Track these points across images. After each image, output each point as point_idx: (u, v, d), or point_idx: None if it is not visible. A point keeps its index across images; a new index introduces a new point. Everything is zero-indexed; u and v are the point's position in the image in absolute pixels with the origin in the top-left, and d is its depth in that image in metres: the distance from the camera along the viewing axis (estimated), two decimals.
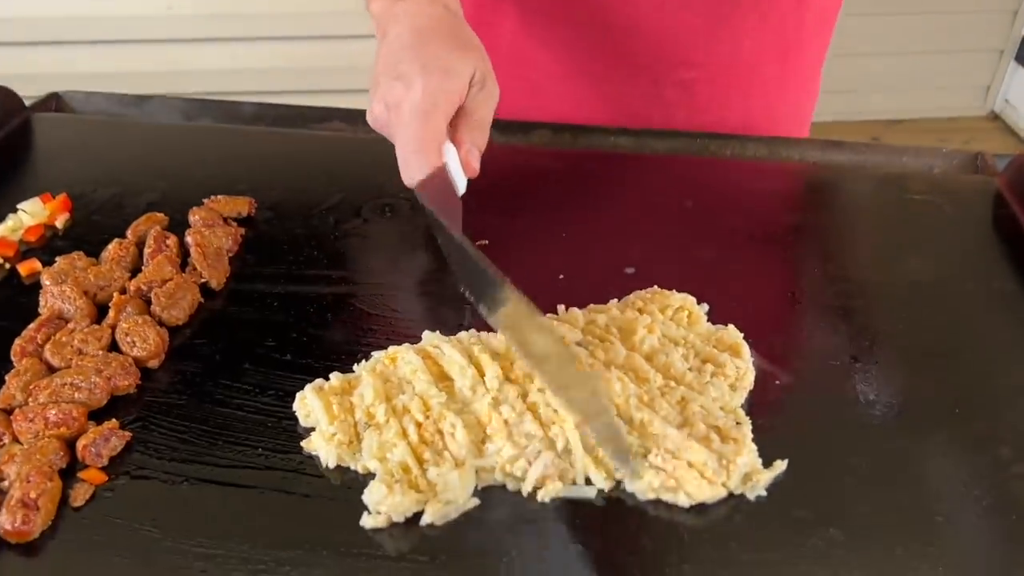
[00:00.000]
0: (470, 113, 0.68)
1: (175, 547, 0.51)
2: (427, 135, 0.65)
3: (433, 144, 0.65)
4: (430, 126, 0.65)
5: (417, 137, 0.65)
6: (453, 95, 0.66)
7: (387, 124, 0.69)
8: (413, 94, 0.65)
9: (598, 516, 0.53)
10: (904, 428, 0.59)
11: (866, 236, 0.80)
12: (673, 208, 0.81)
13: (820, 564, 0.50)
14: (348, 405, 0.59)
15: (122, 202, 0.80)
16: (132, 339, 0.63)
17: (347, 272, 0.73)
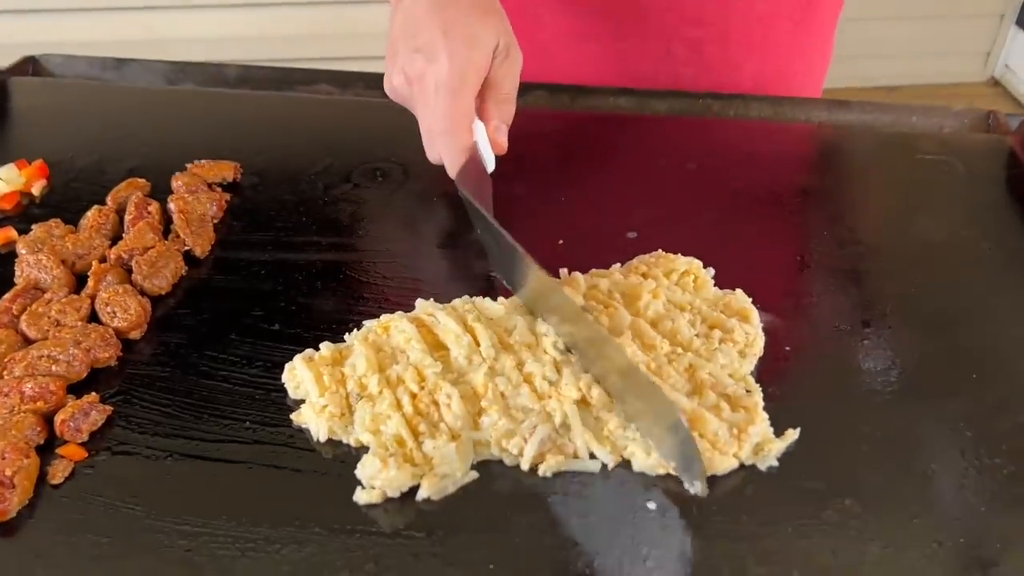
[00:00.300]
0: (496, 86, 0.66)
1: (159, 525, 0.49)
2: (457, 114, 0.63)
3: (464, 123, 0.63)
4: (459, 104, 0.62)
5: (446, 116, 0.62)
6: (480, 68, 0.63)
7: (408, 98, 0.66)
8: (438, 68, 0.62)
9: (603, 490, 0.51)
10: (918, 394, 0.57)
11: (876, 197, 0.77)
12: (676, 171, 0.78)
13: (835, 536, 0.48)
14: (339, 376, 0.56)
15: (102, 168, 0.77)
16: (112, 309, 0.61)
17: (337, 239, 0.70)
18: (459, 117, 0.62)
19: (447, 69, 0.61)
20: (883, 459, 0.53)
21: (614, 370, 0.53)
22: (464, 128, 0.63)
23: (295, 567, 0.47)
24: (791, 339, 0.60)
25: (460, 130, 0.63)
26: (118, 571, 0.47)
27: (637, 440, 0.52)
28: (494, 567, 0.47)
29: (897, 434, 0.54)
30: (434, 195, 0.75)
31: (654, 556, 0.47)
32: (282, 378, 0.57)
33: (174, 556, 0.47)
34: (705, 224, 0.72)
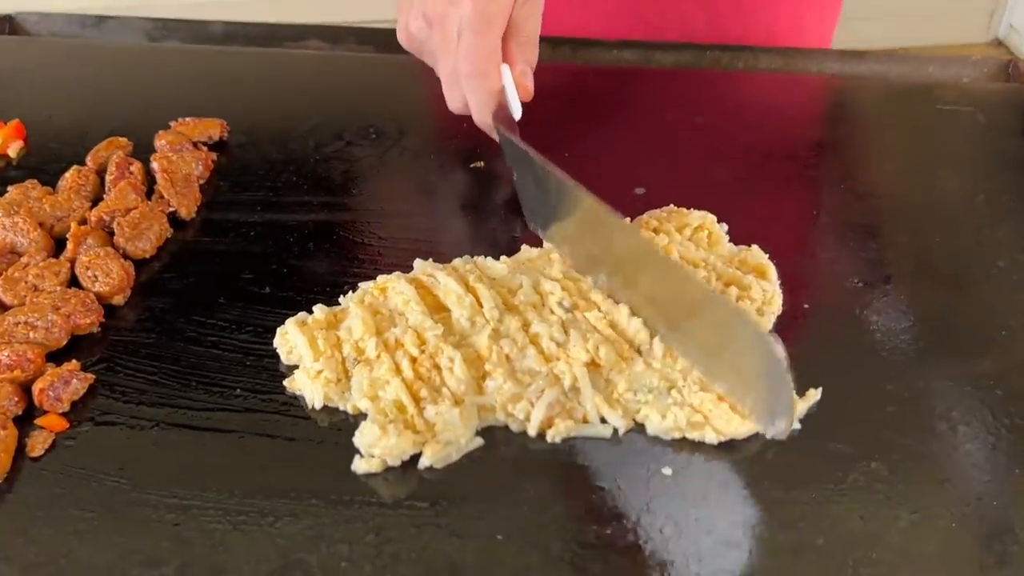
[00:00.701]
0: (519, 28, 0.62)
1: (145, 499, 0.46)
2: (485, 54, 0.59)
3: (492, 64, 0.60)
4: (487, 44, 0.59)
5: (474, 58, 0.59)
6: (505, 8, 0.60)
7: (427, 42, 0.63)
8: (462, 8, 0.59)
9: (615, 456, 0.48)
10: (944, 352, 0.54)
11: (892, 150, 0.73)
12: (684, 125, 0.74)
13: (862, 501, 0.46)
14: (334, 340, 0.53)
15: (81, 128, 0.73)
16: (93, 273, 0.57)
17: (329, 198, 0.67)
18: (487, 58, 0.59)
19: (471, 8, 0.58)
20: (910, 420, 0.50)
21: (675, 302, 0.49)
22: (493, 69, 0.60)
23: (291, 540, 0.44)
24: (809, 296, 0.57)
25: (489, 71, 0.60)
26: (103, 547, 0.44)
27: (651, 402, 0.49)
28: (502, 538, 0.44)
29: (923, 394, 0.51)
30: (430, 152, 0.72)
31: (671, 524, 0.45)
32: (274, 343, 0.54)
33: (162, 530, 0.45)
34: (716, 179, 0.68)
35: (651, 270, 0.52)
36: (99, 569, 0.43)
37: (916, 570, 0.43)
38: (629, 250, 0.53)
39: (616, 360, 0.50)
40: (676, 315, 0.50)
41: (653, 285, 0.52)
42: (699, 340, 0.49)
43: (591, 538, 0.44)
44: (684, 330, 0.50)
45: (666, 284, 0.51)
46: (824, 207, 0.66)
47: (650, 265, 0.52)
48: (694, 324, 0.50)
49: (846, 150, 0.73)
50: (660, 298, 0.51)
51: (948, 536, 0.44)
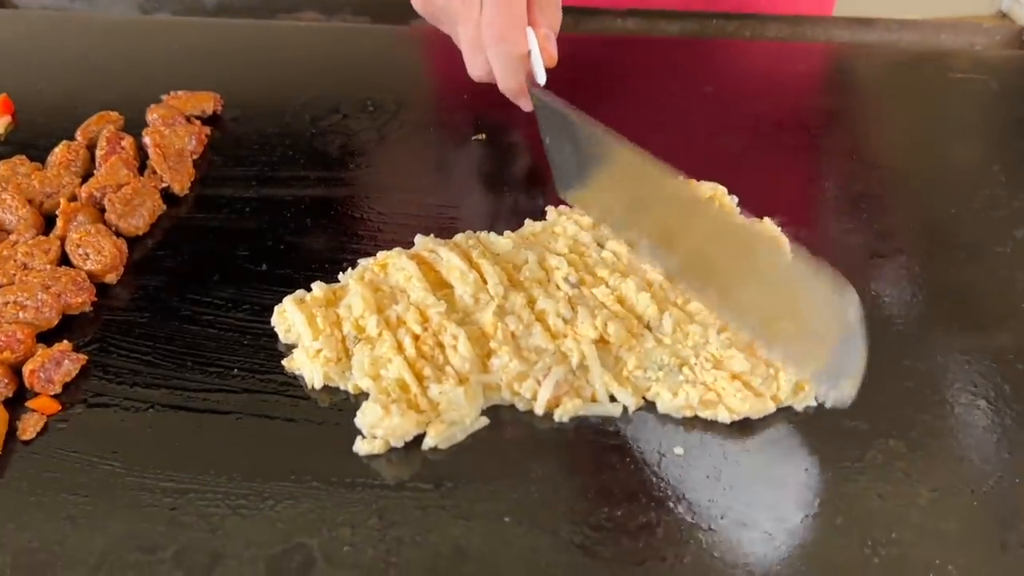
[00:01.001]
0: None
1: (141, 483, 0.45)
2: (512, 18, 0.57)
3: (519, 27, 0.57)
4: (512, 8, 0.57)
5: (500, 22, 0.57)
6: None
7: (445, 8, 0.60)
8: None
9: (625, 435, 0.47)
10: (964, 326, 0.52)
11: (904, 120, 0.72)
12: (691, 95, 0.72)
13: (880, 479, 0.44)
14: (334, 318, 0.51)
15: (71, 102, 0.71)
16: (85, 251, 0.56)
17: (326, 173, 0.65)
18: (513, 22, 0.57)
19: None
20: (927, 396, 0.48)
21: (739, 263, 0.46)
22: (520, 33, 0.58)
23: (291, 524, 0.43)
24: None
25: (517, 36, 0.57)
26: (97, 532, 0.43)
27: (661, 380, 0.47)
28: (509, 520, 0.43)
29: (941, 369, 0.50)
30: (430, 125, 0.70)
31: (684, 505, 0.43)
32: (271, 321, 0.52)
33: (158, 515, 0.43)
34: (725, 151, 0.66)
35: (701, 224, 0.48)
36: (94, 555, 0.42)
37: (936, 549, 0.41)
38: (678, 204, 0.50)
39: (625, 337, 0.49)
40: (730, 275, 0.47)
41: (704, 242, 0.48)
42: (757, 302, 0.46)
43: (601, 520, 0.43)
44: (738, 291, 0.47)
45: (719, 240, 0.47)
46: (835, 178, 0.64)
47: (701, 219, 0.48)
48: (751, 284, 0.46)
49: (857, 120, 0.71)
50: (711, 256, 0.48)
51: (969, 514, 0.43)
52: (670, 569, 0.41)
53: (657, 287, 0.51)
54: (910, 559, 0.41)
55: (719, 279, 0.48)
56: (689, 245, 0.49)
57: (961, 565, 0.41)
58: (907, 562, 0.41)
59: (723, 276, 0.48)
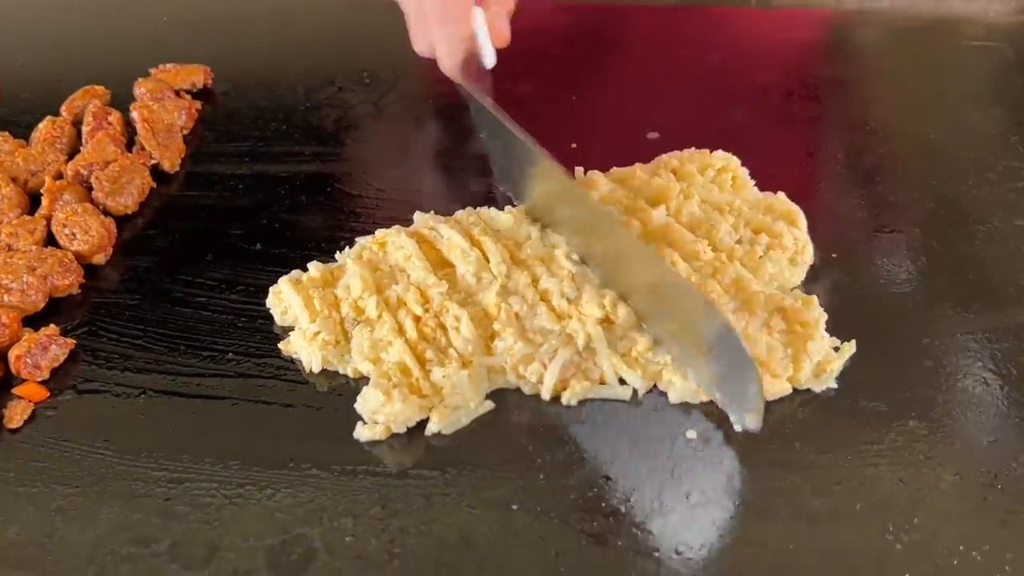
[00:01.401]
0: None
1: (132, 471, 0.43)
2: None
3: (464, 7, 0.55)
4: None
5: (443, 1, 0.54)
6: None
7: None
8: None
9: (635, 419, 0.45)
10: (985, 302, 0.50)
11: (917, 89, 0.69)
12: (698, 65, 0.70)
13: (901, 462, 0.43)
14: (332, 299, 0.49)
15: (56, 76, 0.69)
16: (71, 231, 0.54)
17: (322, 148, 0.63)
18: (457, 0, 0.54)
19: None
20: (948, 375, 0.47)
21: (644, 284, 0.47)
22: (464, 13, 0.55)
23: (290, 514, 0.41)
24: (837, 245, 0.53)
25: (460, 15, 0.55)
26: (88, 524, 0.41)
27: (672, 364, 0.45)
28: (517, 507, 0.41)
29: (961, 348, 0.48)
30: (428, 97, 0.67)
31: (698, 491, 0.42)
32: (267, 303, 0.51)
33: (152, 506, 0.42)
34: (734, 122, 0.64)
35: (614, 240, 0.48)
36: (85, 548, 0.40)
37: (960, 535, 0.40)
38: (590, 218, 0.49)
39: (634, 317, 0.47)
40: (639, 295, 0.47)
41: (615, 261, 0.48)
42: (661, 325, 0.46)
43: (613, 506, 0.41)
44: (655, 317, 0.46)
45: (629, 261, 0.47)
46: (847, 150, 0.62)
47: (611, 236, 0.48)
48: (663, 311, 0.46)
49: (868, 90, 0.69)
50: (622, 278, 0.48)
51: (993, 499, 0.41)
52: (684, 558, 0.39)
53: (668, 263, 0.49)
54: (933, 546, 0.40)
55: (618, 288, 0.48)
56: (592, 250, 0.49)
57: (987, 552, 0.39)
58: (930, 549, 0.39)
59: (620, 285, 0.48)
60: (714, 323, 0.42)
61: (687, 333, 0.45)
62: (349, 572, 0.39)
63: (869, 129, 0.64)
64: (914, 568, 0.39)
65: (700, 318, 0.43)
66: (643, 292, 0.47)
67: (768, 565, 0.39)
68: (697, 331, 0.43)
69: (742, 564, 0.39)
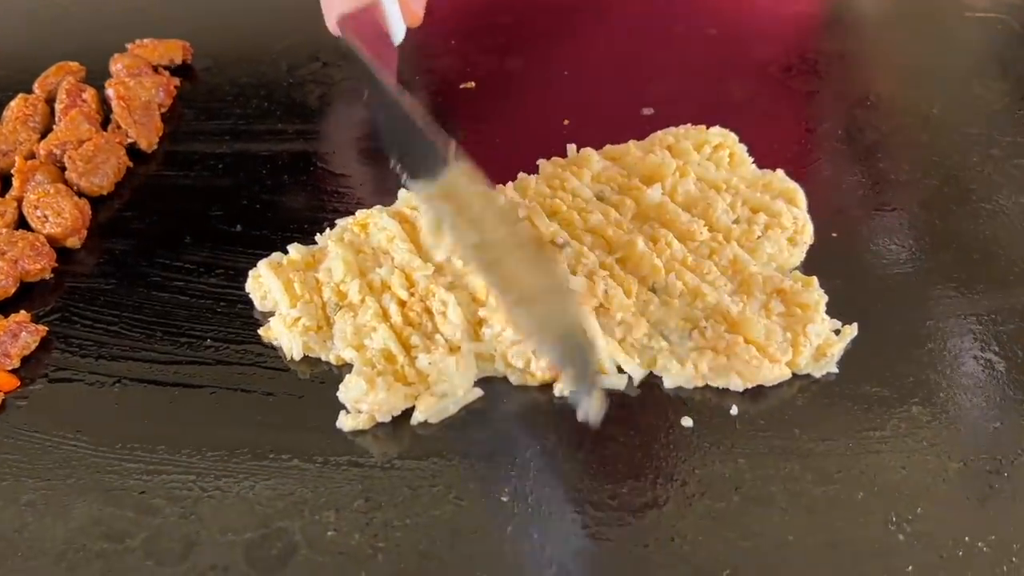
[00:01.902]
0: None
1: (106, 463, 0.42)
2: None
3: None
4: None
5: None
6: None
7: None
8: None
9: (630, 407, 0.43)
10: (989, 283, 0.49)
11: (922, 62, 0.67)
12: (695, 38, 0.68)
13: (903, 449, 0.41)
14: (313, 283, 0.48)
15: (28, 53, 0.67)
16: (44, 213, 0.52)
17: (305, 126, 0.61)
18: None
19: None
20: (954, 358, 0.45)
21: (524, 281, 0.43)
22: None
23: (270, 507, 0.40)
24: (838, 224, 0.52)
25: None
26: (60, 518, 0.40)
27: (668, 350, 0.44)
28: (507, 499, 0.40)
29: (965, 330, 0.46)
30: (415, 73, 0.65)
31: (694, 480, 0.40)
32: (246, 287, 0.49)
33: (126, 499, 0.40)
34: (732, 97, 0.62)
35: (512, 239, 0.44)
36: (56, 544, 0.39)
37: (966, 525, 0.38)
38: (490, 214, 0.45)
39: (627, 303, 0.45)
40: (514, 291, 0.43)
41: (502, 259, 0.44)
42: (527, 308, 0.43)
43: (605, 498, 0.40)
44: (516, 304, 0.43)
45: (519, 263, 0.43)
46: (848, 125, 0.60)
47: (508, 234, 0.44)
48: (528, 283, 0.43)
49: (869, 63, 0.67)
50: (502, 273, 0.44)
51: (999, 487, 0.40)
52: (678, 549, 0.38)
53: (663, 243, 0.47)
54: (937, 536, 0.38)
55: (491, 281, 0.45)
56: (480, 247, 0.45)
57: (992, 542, 0.38)
58: (934, 539, 0.38)
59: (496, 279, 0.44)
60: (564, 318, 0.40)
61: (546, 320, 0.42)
62: (331, 567, 0.38)
63: (870, 104, 0.62)
64: (918, 560, 0.37)
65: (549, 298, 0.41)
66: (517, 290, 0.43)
67: (766, 557, 0.38)
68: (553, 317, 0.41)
69: (739, 555, 0.38)
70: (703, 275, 0.45)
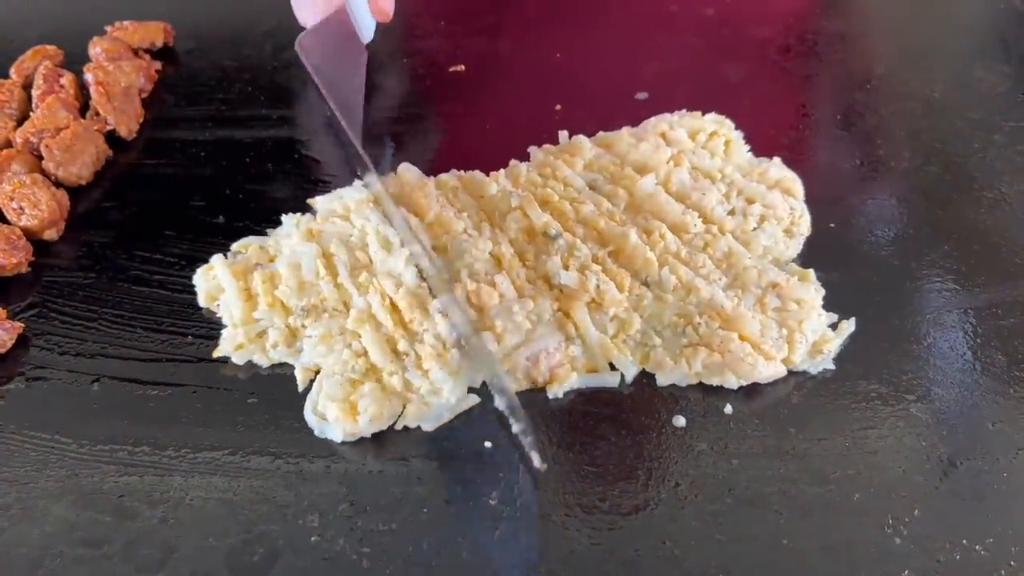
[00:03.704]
0: None
1: (85, 464, 0.41)
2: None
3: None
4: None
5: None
6: None
7: None
8: None
9: (621, 405, 0.42)
10: (990, 277, 0.48)
11: (924, 42, 0.66)
12: (691, 19, 0.66)
13: (900, 449, 0.40)
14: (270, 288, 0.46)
15: (3, 36, 0.65)
16: (19, 205, 0.51)
17: (290, 111, 0.59)
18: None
19: None
20: (950, 353, 0.44)
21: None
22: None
23: (252, 512, 0.39)
24: (836, 215, 0.50)
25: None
26: (36, 523, 0.39)
27: (661, 346, 0.43)
28: (495, 503, 0.39)
29: (963, 323, 0.45)
30: (402, 56, 0.64)
31: (687, 482, 0.39)
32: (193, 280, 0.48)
33: (105, 503, 0.39)
34: (728, 80, 0.61)
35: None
36: (32, 550, 0.38)
37: (965, 527, 0.38)
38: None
39: (620, 299, 0.44)
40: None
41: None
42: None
43: (595, 500, 0.39)
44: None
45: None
46: (847, 110, 0.59)
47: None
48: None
49: (871, 45, 0.66)
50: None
51: (998, 487, 0.39)
52: (669, 553, 0.37)
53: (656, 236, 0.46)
54: (935, 539, 0.37)
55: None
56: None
57: (990, 545, 0.37)
58: (932, 543, 0.37)
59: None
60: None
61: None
62: (315, 574, 0.37)
63: (870, 87, 0.60)
64: (915, 563, 0.37)
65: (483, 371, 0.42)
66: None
67: (759, 560, 0.37)
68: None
69: (732, 559, 0.37)
70: (697, 269, 0.44)
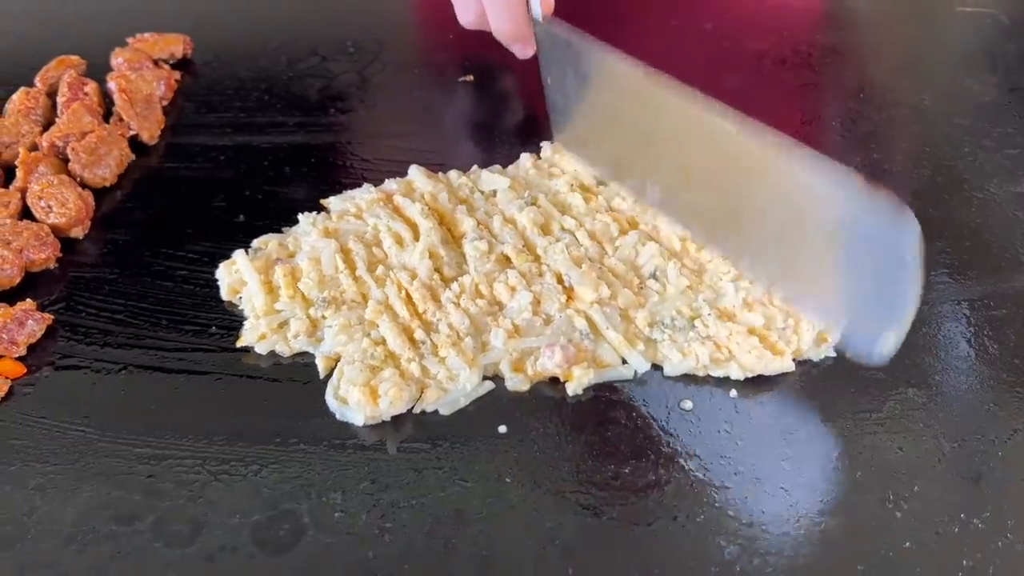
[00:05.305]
0: None
1: (114, 449, 0.42)
2: None
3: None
4: None
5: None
6: None
7: None
8: None
9: (632, 390, 0.44)
10: (984, 267, 0.50)
11: (912, 56, 0.68)
12: (690, 31, 0.69)
13: (899, 430, 0.42)
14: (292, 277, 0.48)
15: (29, 47, 0.67)
16: (48, 204, 0.52)
17: (305, 118, 0.61)
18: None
19: None
20: (947, 342, 0.46)
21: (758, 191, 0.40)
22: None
23: (277, 490, 0.40)
24: None
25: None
26: (68, 502, 0.40)
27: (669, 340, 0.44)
28: (511, 480, 0.40)
29: (959, 314, 0.47)
30: (414, 66, 0.66)
31: (694, 461, 0.41)
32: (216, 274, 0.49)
33: (134, 483, 0.40)
34: (726, 91, 0.62)
35: (723, 156, 0.41)
36: (65, 526, 0.39)
37: (962, 502, 0.39)
38: (697, 134, 0.43)
39: (631, 297, 0.46)
40: (747, 207, 0.40)
41: (714, 172, 0.42)
42: (780, 239, 0.40)
43: (607, 478, 0.40)
44: (756, 228, 0.40)
45: (735, 168, 0.40)
46: (841, 118, 0.61)
47: (722, 149, 0.41)
48: (775, 216, 0.39)
49: (862, 56, 0.68)
50: (725, 188, 0.41)
51: (994, 465, 0.41)
52: (681, 528, 0.39)
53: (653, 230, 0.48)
54: (934, 513, 0.39)
55: (730, 216, 0.43)
56: (706, 181, 0.44)
57: (987, 519, 0.39)
58: (931, 517, 0.39)
59: (735, 211, 0.42)
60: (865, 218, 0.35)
61: (807, 244, 0.38)
62: (339, 548, 0.38)
63: (863, 96, 0.63)
64: (915, 536, 0.38)
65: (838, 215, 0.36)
66: (745, 201, 0.40)
67: (767, 534, 0.38)
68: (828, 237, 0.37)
69: (740, 534, 0.38)
70: (704, 261, 0.46)
